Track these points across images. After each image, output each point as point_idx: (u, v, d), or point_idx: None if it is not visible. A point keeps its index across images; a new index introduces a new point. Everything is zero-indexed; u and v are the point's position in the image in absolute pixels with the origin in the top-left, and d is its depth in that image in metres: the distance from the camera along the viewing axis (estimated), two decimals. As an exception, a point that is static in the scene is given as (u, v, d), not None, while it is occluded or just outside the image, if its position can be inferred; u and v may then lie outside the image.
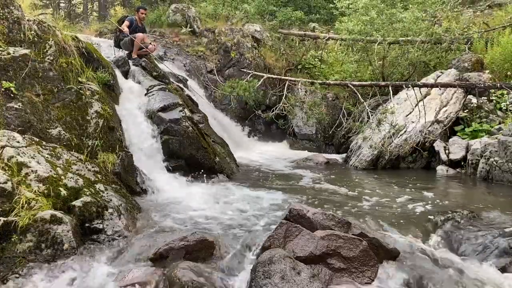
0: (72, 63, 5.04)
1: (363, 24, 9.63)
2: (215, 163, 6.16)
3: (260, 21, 13.21)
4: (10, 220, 3.17)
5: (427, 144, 7.59)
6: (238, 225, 4.12)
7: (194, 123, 6.20)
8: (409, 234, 3.99)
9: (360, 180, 6.71)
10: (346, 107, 8.78)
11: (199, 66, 10.81)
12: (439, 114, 7.91)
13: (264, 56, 11.60)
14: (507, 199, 5.14)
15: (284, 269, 2.91)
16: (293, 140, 10.68)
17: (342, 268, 3.18)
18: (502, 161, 6.08)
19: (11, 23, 4.66)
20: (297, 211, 3.64)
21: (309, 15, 14.74)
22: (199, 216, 4.37)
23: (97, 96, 5.05)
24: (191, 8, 12.54)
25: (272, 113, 8.18)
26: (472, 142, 6.95)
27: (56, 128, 4.45)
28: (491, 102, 8.14)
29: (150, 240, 3.61)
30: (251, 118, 10.36)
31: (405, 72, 10.01)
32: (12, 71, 4.35)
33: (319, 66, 11.76)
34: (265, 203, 4.92)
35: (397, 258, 3.46)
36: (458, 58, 9.53)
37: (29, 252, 3.15)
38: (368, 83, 8.75)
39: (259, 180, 6.39)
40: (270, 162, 8.10)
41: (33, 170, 3.65)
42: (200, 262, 3.31)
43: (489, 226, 4.05)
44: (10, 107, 4.15)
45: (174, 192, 5.24)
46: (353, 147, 8.50)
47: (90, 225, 3.62)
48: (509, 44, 8.66)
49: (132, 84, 6.87)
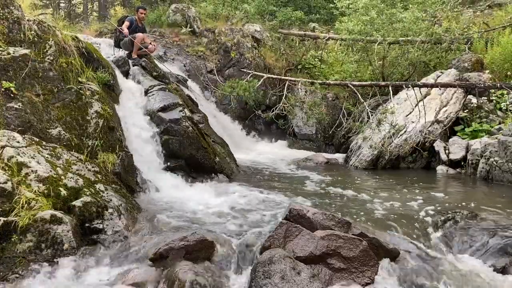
0: (72, 63, 5.04)
1: (363, 24, 9.63)
2: (215, 163, 6.16)
3: (260, 21, 13.21)
4: (10, 220, 3.17)
5: (427, 144, 7.59)
6: (238, 225, 4.12)
7: (194, 123, 6.20)
8: (409, 234, 3.99)
9: (360, 180, 6.71)
10: (346, 107, 8.78)
11: (199, 66, 10.82)
12: (439, 114, 7.91)
13: (264, 56, 11.60)
14: (507, 199, 5.14)
15: (284, 269, 2.91)
16: (293, 140, 10.68)
17: (342, 268, 3.18)
18: (502, 161, 6.08)
19: (11, 23, 4.66)
20: (297, 211, 3.64)
21: (309, 15, 14.75)
22: (199, 216, 4.37)
23: (97, 96, 5.05)
24: (191, 8, 12.54)
25: (272, 113, 8.18)
26: (472, 142, 6.95)
27: (56, 128, 4.44)
28: (491, 102, 8.14)
29: (150, 240, 3.61)
30: (251, 118, 10.36)
31: (405, 72, 10.01)
32: (12, 71, 4.35)
33: (319, 66, 11.76)
34: (265, 203, 4.92)
35: (397, 258, 3.46)
36: (458, 58, 9.54)
37: (29, 252, 3.15)
38: (368, 83, 8.75)
39: (259, 180, 6.39)
40: (270, 162, 8.10)
41: (33, 170, 3.65)
42: (200, 262, 3.31)
43: (489, 226, 4.05)
44: (10, 107, 4.15)
45: (174, 192, 5.24)
46: (353, 147, 8.50)
47: (90, 225, 3.62)
48: (509, 44, 8.66)
49: (132, 84, 6.87)
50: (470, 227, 4.07)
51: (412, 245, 3.77)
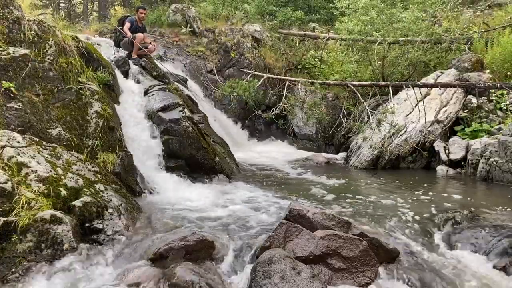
0: (72, 63, 5.04)
1: (363, 24, 9.63)
2: (215, 163, 6.16)
3: (260, 21, 13.21)
4: (10, 220, 3.17)
5: (427, 144, 7.59)
6: (238, 225, 4.12)
7: (194, 123, 6.20)
8: (409, 234, 4.00)
9: (360, 180, 6.71)
10: (346, 107, 8.77)
11: (199, 66, 10.81)
12: (439, 114, 7.91)
13: (264, 56, 11.60)
14: (507, 199, 5.14)
15: (284, 269, 2.91)
16: (293, 140, 10.68)
17: (342, 268, 3.18)
18: (502, 161, 6.08)
19: (11, 23, 4.66)
20: (297, 211, 3.64)
21: (309, 15, 14.75)
22: (199, 216, 4.37)
23: (97, 96, 5.05)
24: (191, 8, 12.54)
25: (272, 113, 8.18)
26: (472, 142, 6.95)
27: (56, 128, 4.44)
28: (491, 102, 8.14)
29: (150, 240, 3.61)
30: (251, 118, 10.36)
31: (405, 72, 10.01)
32: (12, 71, 4.35)
33: (319, 66, 11.76)
34: (265, 203, 4.92)
35: (397, 258, 3.46)
36: (458, 58, 9.53)
37: (29, 252, 3.15)
38: (368, 83, 8.75)
39: (259, 180, 6.39)
40: (270, 162, 8.10)
41: (33, 170, 3.65)
42: (200, 262, 3.31)
43: (489, 226, 4.05)
44: (10, 107, 4.14)
45: (174, 192, 5.24)
46: (353, 147, 8.49)
47: (90, 225, 3.62)
48: (509, 44, 8.66)
49: (132, 84, 6.87)
50: (470, 227, 4.08)
51: (412, 245, 3.77)
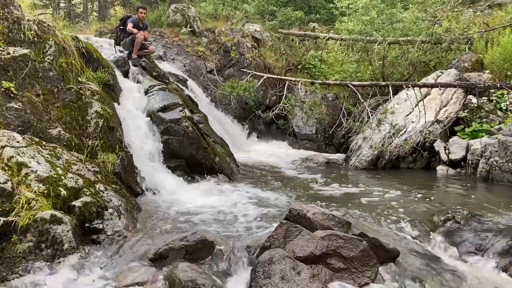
0: (72, 63, 5.04)
1: (363, 24, 9.64)
2: (215, 163, 6.16)
3: (260, 21, 13.21)
4: (10, 220, 3.17)
5: (427, 144, 7.59)
6: (238, 225, 4.12)
7: (194, 123, 6.20)
8: (409, 234, 4.00)
9: (360, 180, 6.70)
10: (346, 107, 8.76)
11: (199, 66, 10.81)
12: (439, 114, 7.91)
13: (264, 56, 11.60)
14: (507, 199, 5.14)
15: (284, 269, 2.91)
16: (293, 140, 10.69)
17: (342, 268, 3.18)
18: (502, 161, 6.08)
19: (11, 23, 4.66)
20: (297, 211, 3.64)
21: (309, 15, 14.75)
22: (199, 216, 4.36)
23: (97, 96, 5.05)
24: (191, 8, 12.54)
25: (272, 113, 8.17)
26: (472, 142, 6.95)
27: (56, 128, 4.44)
28: (491, 102, 8.14)
29: (150, 240, 3.62)
30: (251, 118, 10.36)
31: (405, 72, 10.01)
32: (12, 71, 4.35)
33: (319, 66, 11.76)
34: (265, 203, 4.92)
35: (397, 258, 3.46)
36: (458, 58, 9.53)
37: (29, 252, 3.15)
38: (368, 83, 8.74)
39: (259, 180, 6.39)
40: (270, 162, 8.10)
41: (33, 170, 3.65)
42: (200, 262, 3.31)
43: (489, 226, 4.05)
44: (10, 107, 4.14)
45: (174, 192, 5.24)
46: (353, 147, 8.49)
47: (90, 225, 3.62)
48: (509, 44, 8.66)
49: (132, 84, 6.87)
50: (470, 227, 4.08)
51: (412, 245, 3.77)
